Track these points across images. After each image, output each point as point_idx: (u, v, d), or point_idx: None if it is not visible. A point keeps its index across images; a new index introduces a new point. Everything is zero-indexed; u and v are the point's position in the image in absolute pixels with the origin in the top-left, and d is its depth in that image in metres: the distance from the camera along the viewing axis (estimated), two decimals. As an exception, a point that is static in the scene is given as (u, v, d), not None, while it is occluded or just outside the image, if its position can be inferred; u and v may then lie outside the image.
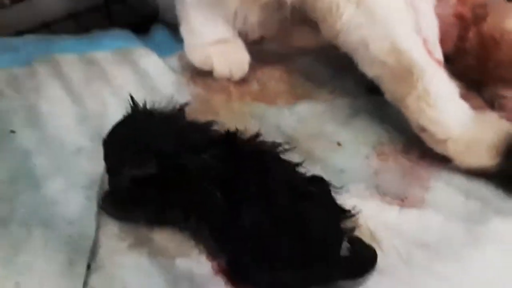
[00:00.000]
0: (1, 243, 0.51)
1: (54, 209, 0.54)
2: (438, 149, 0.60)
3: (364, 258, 0.48)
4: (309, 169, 0.52)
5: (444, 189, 0.57)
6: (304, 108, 0.70)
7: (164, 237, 0.52)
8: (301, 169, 0.50)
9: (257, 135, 0.49)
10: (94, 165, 0.59)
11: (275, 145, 0.49)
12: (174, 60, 0.79)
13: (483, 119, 0.61)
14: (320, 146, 0.64)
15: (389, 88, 0.63)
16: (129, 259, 0.50)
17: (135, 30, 0.87)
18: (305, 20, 0.73)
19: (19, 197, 0.56)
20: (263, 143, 0.49)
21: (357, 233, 0.50)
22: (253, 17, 0.72)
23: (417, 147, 0.63)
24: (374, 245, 0.50)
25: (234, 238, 0.45)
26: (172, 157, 0.47)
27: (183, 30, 0.76)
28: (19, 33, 0.83)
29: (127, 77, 0.74)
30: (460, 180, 0.58)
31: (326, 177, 0.51)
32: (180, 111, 0.53)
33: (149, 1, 0.89)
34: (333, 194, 0.48)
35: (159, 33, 0.85)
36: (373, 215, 0.53)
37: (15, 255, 0.49)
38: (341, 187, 0.48)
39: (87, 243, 0.50)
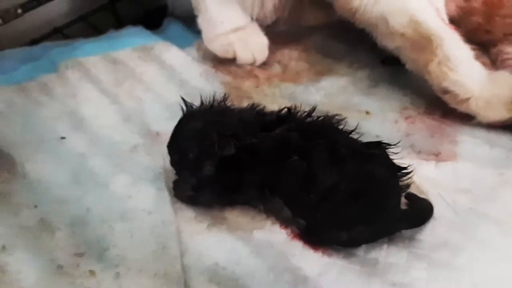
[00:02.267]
0: (88, 242, 0.54)
1: (129, 202, 0.58)
2: (461, 108, 0.67)
3: (422, 210, 0.55)
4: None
5: (470, 141, 0.65)
6: (328, 83, 0.75)
7: (236, 215, 0.57)
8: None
9: (313, 109, 0.55)
10: (153, 159, 0.63)
11: (329, 117, 0.54)
12: (193, 52, 0.83)
13: (497, 76, 0.68)
14: (351, 117, 0.68)
15: (411, 58, 0.69)
16: (212, 238, 0.55)
17: (145, 26, 0.90)
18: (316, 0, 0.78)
19: (89, 197, 0.59)
20: (319, 116, 0.54)
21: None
22: (269, 2, 0.76)
23: (439, 108, 0.70)
24: (423, 196, 0.57)
25: (310, 203, 0.51)
26: (244, 138, 0.52)
27: (201, 21, 0.79)
28: (34, 41, 0.85)
29: (154, 72, 0.77)
30: (482, 133, 0.66)
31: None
32: (224, 102, 0.58)
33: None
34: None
35: (173, 27, 0.88)
36: (414, 171, 0.59)
37: (106, 250, 0.53)
38: (397, 146, 0.53)
39: (173, 227, 0.54)
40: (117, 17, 0.94)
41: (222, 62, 0.80)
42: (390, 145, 0.53)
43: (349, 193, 0.50)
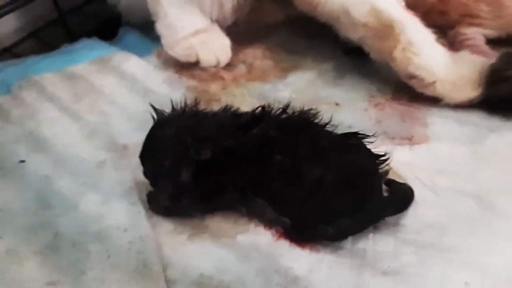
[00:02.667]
0: (62, 268, 0.51)
1: (103, 222, 0.55)
2: (428, 91, 0.68)
3: (403, 195, 0.54)
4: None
5: (440, 122, 0.66)
6: (295, 79, 0.75)
7: (218, 221, 0.55)
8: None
9: (287, 105, 0.54)
10: (123, 174, 0.61)
11: (304, 111, 0.53)
12: (153, 59, 0.81)
13: (459, 57, 0.69)
14: (321, 110, 0.68)
15: (375, 47, 0.69)
16: (194, 248, 0.52)
17: (100, 38, 0.87)
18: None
19: (59, 220, 0.56)
20: (294, 112, 0.53)
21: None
22: (228, 2, 0.75)
23: (406, 93, 0.71)
24: (401, 181, 0.57)
25: (297, 199, 0.49)
26: (221, 141, 0.50)
27: (160, 27, 0.77)
28: (-19, 63, 0.80)
29: (115, 84, 0.75)
30: (450, 112, 0.67)
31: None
32: (196, 106, 0.56)
33: (108, 6, 0.88)
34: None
35: (129, 36, 0.85)
36: (391, 157, 0.59)
37: (82, 274, 0.50)
38: (374, 136, 0.53)
39: (152, 242, 0.52)
40: (68, 31, 0.91)
41: (185, 67, 0.78)
42: (366, 135, 0.52)
43: (334, 185, 0.49)
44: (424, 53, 0.67)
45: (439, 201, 0.55)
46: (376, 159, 0.52)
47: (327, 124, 0.53)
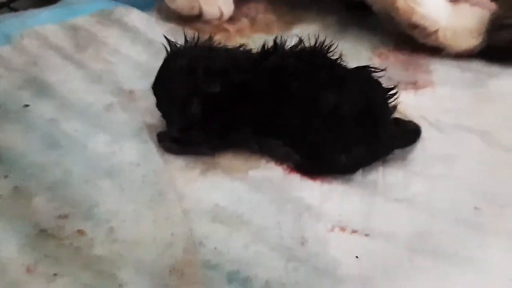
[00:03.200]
0: (74, 202, 0.50)
1: (113, 159, 0.55)
2: (430, 40, 0.69)
3: (411, 130, 0.56)
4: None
5: (442, 69, 0.67)
6: (300, 31, 0.74)
7: (229, 158, 0.55)
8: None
9: (300, 41, 0.54)
10: (132, 116, 0.60)
11: (317, 46, 0.53)
12: (154, 14, 0.80)
13: (459, 8, 0.70)
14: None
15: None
16: (207, 182, 0.53)
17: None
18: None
19: (66, 159, 0.55)
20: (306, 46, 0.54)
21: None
22: None
23: (406, 44, 0.72)
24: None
25: (312, 126, 0.50)
26: (236, 75, 0.50)
27: (162, -19, 0.77)
28: (-22, 16, 0.78)
29: (118, 35, 0.74)
30: (451, 61, 0.69)
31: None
32: (210, 41, 0.57)
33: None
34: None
35: (129, -8, 0.84)
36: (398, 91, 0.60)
37: (95, 207, 0.50)
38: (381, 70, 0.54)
39: (166, 175, 0.52)
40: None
41: (187, 21, 0.77)
42: (377, 69, 0.53)
43: (350, 113, 0.50)
44: (425, 2, 0.68)
45: (444, 137, 0.57)
46: (387, 91, 0.53)
47: (339, 57, 0.54)
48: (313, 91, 0.50)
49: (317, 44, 0.53)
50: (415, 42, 0.71)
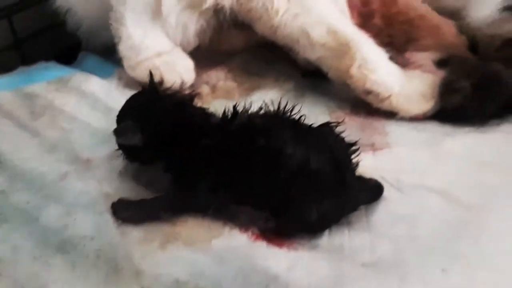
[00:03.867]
0: (19, 282, 0.47)
1: (66, 232, 0.52)
2: (384, 106, 0.71)
3: (374, 186, 0.56)
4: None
5: (398, 130, 0.69)
6: (259, 97, 0.76)
7: (190, 227, 0.53)
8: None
9: (260, 108, 0.55)
10: (88, 184, 0.58)
11: (278, 109, 0.54)
12: (114, 81, 0.79)
13: (411, 74, 0.74)
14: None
15: (333, 66, 0.73)
16: (167, 255, 0.50)
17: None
18: (235, 24, 0.81)
19: (15, 235, 0.52)
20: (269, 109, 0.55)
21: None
22: (192, 26, 0.77)
23: (362, 108, 0.74)
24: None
25: (280, 183, 0.49)
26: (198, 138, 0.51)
27: (123, 48, 0.77)
28: None
29: (76, 102, 0.72)
30: (406, 122, 0.71)
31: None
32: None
33: (67, 33, 0.87)
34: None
35: (89, 59, 0.84)
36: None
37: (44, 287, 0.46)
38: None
39: (122, 249, 0.49)
40: (23, 58, 0.88)
41: (148, 88, 0.78)
42: (338, 122, 0.55)
43: (318, 168, 0.50)
44: (378, 69, 0.71)
45: (406, 198, 0.57)
46: (350, 147, 0.54)
47: (302, 116, 0.55)
48: (280, 147, 0.50)
49: (280, 107, 0.54)
50: (370, 106, 0.74)
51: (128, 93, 0.75)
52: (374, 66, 0.71)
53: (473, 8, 0.89)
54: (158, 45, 0.77)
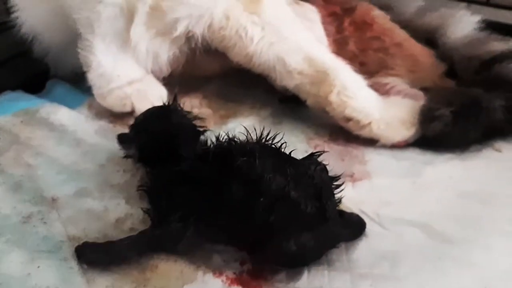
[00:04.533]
0: None
1: (29, 282, 0.48)
2: (364, 133, 0.69)
3: (356, 222, 0.54)
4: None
5: (377, 159, 0.67)
6: (235, 125, 0.74)
7: (161, 273, 0.50)
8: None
9: (234, 136, 0.54)
10: (52, 228, 0.55)
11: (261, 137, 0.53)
12: (84, 111, 0.76)
13: (391, 101, 0.73)
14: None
15: (311, 93, 0.71)
16: (137, 304, 0.47)
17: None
18: (208, 50, 0.79)
19: (-28, 287, 0.48)
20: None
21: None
22: (164, 53, 0.74)
23: (341, 135, 0.72)
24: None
25: (258, 213, 0.47)
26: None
27: (93, 77, 0.74)
28: None
29: (42, 135, 0.69)
30: (386, 150, 0.69)
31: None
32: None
33: (33, 60, 0.84)
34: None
35: (57, 87, 0.81)
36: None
37: None
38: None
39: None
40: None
41: (120, 117, 0.75)
42: (321, 152, 0.53)
43: (298, 197, 0.48)
44: (358, 96, 0.69)
45: (386, 233, 0.55)
46: (332, 179, 0.52)
47: (281, 145, 0.53)
48: (260, 173, 0.48)
49: (262, 134, 0.53)
50: (349, 133, 0.72)
51: (98, 124, 0.74)
52: (353, 93, 0.69)
53: (450, 28, 0.89)
54: (129, 73, 0.74)
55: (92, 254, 0.51)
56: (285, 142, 0.53)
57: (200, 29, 0.71)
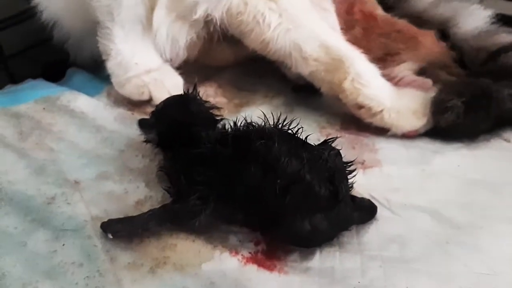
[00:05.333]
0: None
1: (54, 258, 0.51)
2: (376, 120, 0.71)
3: (367, 206, 0.56)
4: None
5: (388, 148, 0.69)
6: (249, 113, 0.75)
7: (179, 251, 0.53)
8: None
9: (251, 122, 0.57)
10: (75, 208, 0.57)
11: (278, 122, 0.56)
12: (103, 99, 0.79)
13: (403, 91, 0.74)
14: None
15: (326, 79, 0.72)
16: (157, 281, 0.49)
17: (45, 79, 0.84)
18: (225, 37, 0.80)
19: (3, 260, 0.51)
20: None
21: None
22: (182, 38, 0.76)
23: (353, 124, 0.74)
24: (360, 198, 0.59)
25: (274, 193, 0.49)
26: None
27: (111, 65, 0.76)
28: None
29: (63, 122, 0.72)
30: (396, 139, 0.71)
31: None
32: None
33: (54, 48, 0.86)
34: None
35: (77, 76, 0.84)
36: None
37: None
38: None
39: (111, 276, 0.48)
40: (10, 76, 0.87)
41: (137, 105, 0.77)
42: (334, 139, 0.56)
43: (313, 181, 0.50)
44: (371, 84, 0.71)
45: (396, 218, 0.57)
46: (346, 164, 0.55)
47: (298, 130, 0.56)
48: (276, 156, 0.50)
49: (279, 120, 0.56)
50: (360, 122, 0.74)
51: (117, 112, 0.76)
52: (367, 80, 0.71)
53: (461, 20, 0.90)
54: (147, 61, 0.77)
55: (117, 225, 0.53)
56: (302, 127, 0.55)
57: (218, 12, 0.72)
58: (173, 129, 0.59)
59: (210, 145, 0.55)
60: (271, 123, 0.56)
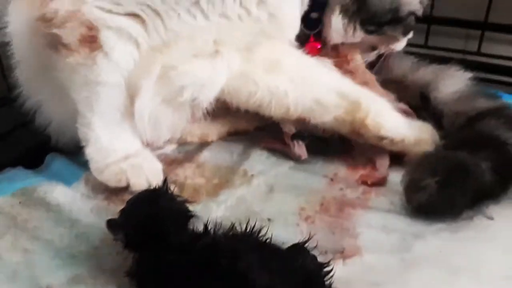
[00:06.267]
0: None
1: None
2: (396, 148, 0.80)
3: None
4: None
5: (368, 232, 0.67)
6: (227, 197, 0.75)
7: None
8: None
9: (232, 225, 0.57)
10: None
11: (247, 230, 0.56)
12: (81, 186, 0.78)
13: (412, 122, 0.82)
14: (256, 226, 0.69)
15: (347, 120, 0.79)
16: None
17: (26, 165, 0.85)
18: (207, 115, 0.82)
19: None
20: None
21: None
22: (165, 121, 0.78)
23: (333, 204, 0.73)
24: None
25: None
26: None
27: (90, 152, 0.76)
28: None
29: (39, 217, 0.71)
30: (376, 220, 0.69)
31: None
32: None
33: (34, 132, 0.87)
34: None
35: (56, 162, 0.84)
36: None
37: None
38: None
39: None
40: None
41: (115, 193, 0.76)
42: (305, 241, 0.56)
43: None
44: (391, 118, 0.80)
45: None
46: (321, 267, 0.53)
47: (267, 239, 0.56)
48: (244, 274, 0.49)
49: (247, 228, 0.55)
50: (342, 201, 0.73)
51: (93, 203, 0.75)
52: (385, 115, 0.79)
53: (441, 83, 0.90)
54: (126, 147, 0.76)
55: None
56: (269, 238, 0.55)
57: (205, 97, 0.76)
58: (141, 230, 0.58)
59: (177, 254, 0.53)
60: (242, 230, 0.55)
